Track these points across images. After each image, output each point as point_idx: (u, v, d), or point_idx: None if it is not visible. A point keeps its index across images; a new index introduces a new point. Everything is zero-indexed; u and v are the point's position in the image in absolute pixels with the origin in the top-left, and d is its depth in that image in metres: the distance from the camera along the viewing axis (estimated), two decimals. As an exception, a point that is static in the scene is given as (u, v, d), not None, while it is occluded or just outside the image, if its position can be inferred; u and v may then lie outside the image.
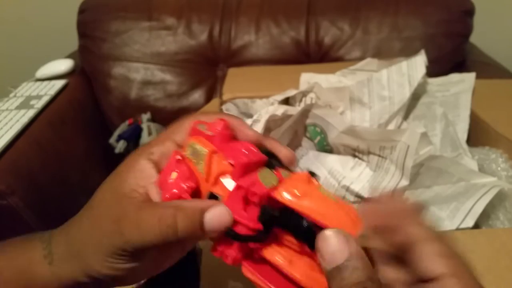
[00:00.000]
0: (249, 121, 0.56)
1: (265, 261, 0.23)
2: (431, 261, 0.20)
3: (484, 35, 1.07)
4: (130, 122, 0.98)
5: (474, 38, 1.01)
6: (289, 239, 0.22)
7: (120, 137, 0.93)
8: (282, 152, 0.26)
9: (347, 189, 0.49)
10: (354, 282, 0.19)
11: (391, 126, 0.61)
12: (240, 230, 0.22)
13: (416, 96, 0.65)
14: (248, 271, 0.23)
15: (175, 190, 0.23)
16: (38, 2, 1.26)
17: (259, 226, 0.22)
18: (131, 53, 1.03)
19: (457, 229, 0.43)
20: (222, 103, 0.71)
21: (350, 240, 0.20)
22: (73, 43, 1.08)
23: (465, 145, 0.59)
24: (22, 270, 0.25)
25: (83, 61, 1.06)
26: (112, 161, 0.95)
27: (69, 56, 1.08)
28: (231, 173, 0.23)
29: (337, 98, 0.63)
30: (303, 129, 0.59)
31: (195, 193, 0.24)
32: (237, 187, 0.22)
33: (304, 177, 0.22)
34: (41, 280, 0.25)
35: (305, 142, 0.60)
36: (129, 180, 0.25)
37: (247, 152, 0.23)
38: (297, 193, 0.21)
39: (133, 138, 0.94)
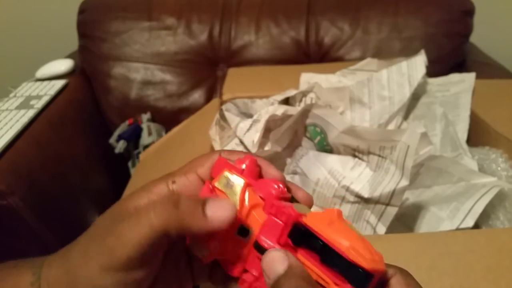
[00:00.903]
0: (249, 121, 0.56)
1: None
2: None
3: (484, 35, 1.07)
4: (130, 122, 0.98)
5: (474, 38, 1.01)
6: (313, 262, 0.22)
7: (120, 137, 0.93)
8: (300, 194, 0.26)
9: (347, 189, 0.49)
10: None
11: (391, 126, 0.61)
12: (269, 246, 0.22)
13: (416, 96, 0.65)
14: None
15: None
16: (38, 2, 1.26)
17: (289, 241, 0.22)
18: (131, 53, 1.03)
19: (457, 229, 0.43)
20: (222, 103, 0.71)
21: (289, 255, 0.21)
22: (73, 43, 1.08)
23: (465, 145, 0.59)
24: None
25: (83, 61, 1.06)
26: (112, 161, 0.96)
27: (69, 56, 1.08)
28: (262, 207, 0.23)
29: (337, 98, 0.63)
30: (303, 129, 0.59)
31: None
32: (270, 205, 0.23)
33: (334, 212, 0.22)
34: None
35: (305, 142, 0.60)
36: (141, 199, 0.24)
37: (277, 187, 0.24)
38: (324, 222, 0.22)
39: (133, 138, 0.94)
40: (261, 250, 0.23)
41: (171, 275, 0.26)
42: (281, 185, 0.24)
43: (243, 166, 0.25)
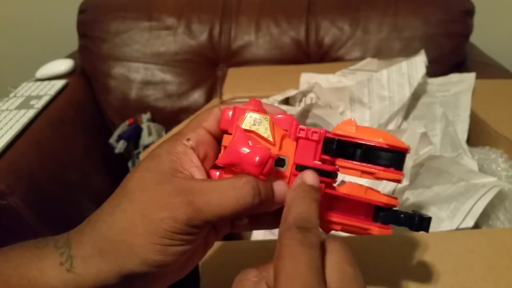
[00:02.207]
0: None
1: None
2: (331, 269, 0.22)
3: (484, 35, 1.07)
4: (130, 122, 0.98)
5: (474, 38, 1.01)
6: (352, 165, 0.26)
7: (120, 137, 0.93)
8: None
9: (347, 189, 0.48)
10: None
11: (391, 126, 0.61)
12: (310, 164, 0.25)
13: (416, 96, 0.65)
14: (334, 219, 0.26)
15: (264, 153, 0.23)
16: (38, 2, 1.26)
17: (324, 156, 0.26)
18: (131, 53, 1.03)
19: (457, 229, 0.43)
20: (222, 103, 0.71)
21: (314, 176, 0.25)
22: (73, 43, 1.08)
23: (465, 145, 0.59)
24: (32, 281, 0.22)
25: (83, 61, 1.06)
26: (112, 161, 0.96)
27: (69, 56, 1.08)
28: (288, 136, 0.26)
29: (337, 98, 0.63)
30: (303, 129, 0.59)
31: None
32: (299, 130, 0.26)
33: (352, 120, 0.26)
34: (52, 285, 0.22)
35: (305, 142, 0.60)
36: (170, 162, 0.24)
37: (294, 118, 0.26)
38: (350, 129, 0.25)
39: (133, 138, 0.94)
40: (303, 168, 0.25)
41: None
42: (293, 118, 0.27)
43: (255, 107, 0.26)
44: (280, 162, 0.25)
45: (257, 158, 0.23)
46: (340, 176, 0.27)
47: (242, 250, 0.38)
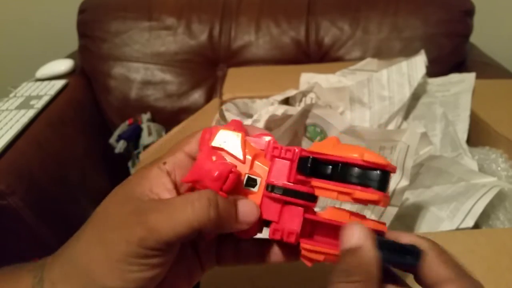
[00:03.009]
0: (249, 121, 0.56)
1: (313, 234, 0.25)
2: (438, 267, 0.20)
3: (484, 35, 1.07)
4: (130, 122, 0.98)
5: (474, 38, 1.01)
6: (326, 185, 0.23)
7: (120, 137, 0.93)
8: None
9: (347, 189, 0.48)
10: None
11: (391, 126, 0.61)
12: (282, 184, 0.24)
13: (416, 96, 0.65)
14: (309, 245, 0.23)
15: (223, 167, 0.23)
16: (38, 2, 1.26)
17: (298, 176, 0.23)
18: (131, 53, 1.03)
19: (457, 229, 0.43)
20: (222, 103, 0.71)
21: (370, 234, 0.21)
22: (73, 43, 1.08)
23: (465, 145, 0.59)
24: None
25: (83, 61, 1.06)
26: (112, 161, 0.96)
27: (69, 56, 1.08)
28: (263, 156, 0.25)
29: (337, 98, 0.63)
30: (303, 129, 0.59)
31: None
32: (273, 149, 0.24)
33: (333, 139, 0.24)
34: None
35: (305, 142, 0.60)
36: (141, 186, 0.23)
37: (270, 138, 0.25)
38: (328, 148, 0.23)
39: (133, 138, 0.94)
40: (274, 188, 0.24)
41: (180, 265, 0.26)
42: (271, 137, 0.25)
43: (234, 127, 0.25)
44: (251, 182, 0.24)
45: (216, 173, 0.23)
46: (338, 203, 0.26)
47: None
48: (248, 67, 0.96)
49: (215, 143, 0.25)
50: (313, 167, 0.23)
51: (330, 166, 0.23)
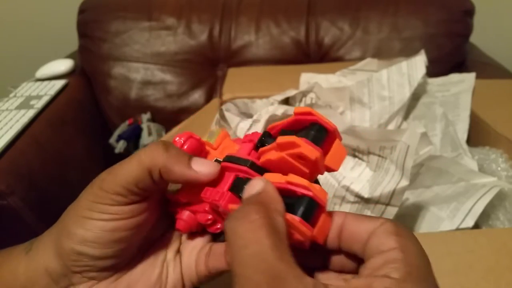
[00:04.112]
0: (249, 121, 0.56)
1: None
2: (383, 237, 0.20)
3: (484, 35, 1.07)
4: (130, 122, 0.98)
5: (474, 38, 1.01)
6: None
7: (120, 137, 0.93)
8: None
9: (347, 189, 0.49)
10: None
11: (391, 126, 0.61)
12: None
13: (416, 96, 0.65)
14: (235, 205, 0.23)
15: (177, 139, 0.26)
16: (38, 2, 1.26)
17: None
18: (131, 53, 1.03)
19: (457, 229, 0.43)
20: (222, 103, 0.71)
21: (268, 181, 0.21)
22: (73, 43, 1.08)
23: (465, 145, 0.59)
24: (5, 283, 0.24)
25: (83, 61, 1.06)
26: (112, 161, 0.95)
27: (69, 56, 1.08)
28: (237, 151, 0.26)
29: (337, 98, 0.63)
30: (303, 129, 0.59)
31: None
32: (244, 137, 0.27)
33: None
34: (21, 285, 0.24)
35: (305, 142, 0.60)
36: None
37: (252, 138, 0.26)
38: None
39: (133, 138, 0.94)
40: (226, 157, 0.25)
41: (154, 224, 0.27)
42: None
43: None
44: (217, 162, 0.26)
45: (177, 138, 0.25)
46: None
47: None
48: (248, 67, 0.96)
49: (205, 138, 0.28)
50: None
51: None
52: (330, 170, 0.22)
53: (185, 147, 0.25)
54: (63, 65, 1.02)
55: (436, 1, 0.99)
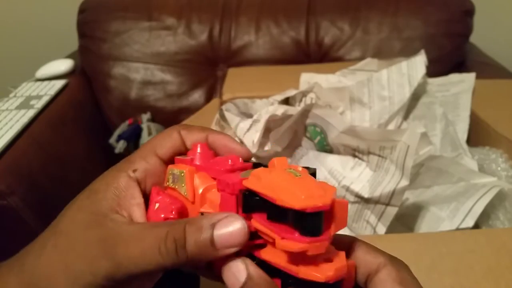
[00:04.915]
0: (249, 121, 0.56)
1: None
2: (366, 255, 0.20)
3: (484, 35, 1.07)
4: (130, 122, 0.98)
5: (474, 38, 1.01)
6: (264, 223, 0.20)
7: (120, 137, 0.93)
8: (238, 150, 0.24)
9: (347, 189, 0.49)
10: None
11: (391, 126, 0.61)
12: None
13: (416, 96, 0.65)
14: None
15: (162, 215, 0.22)
16: (38, 2, 1.26)
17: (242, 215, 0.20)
18: (131, 53, 1.03)
19: (457, 229, 0.43)
20: (222, 103, 0.71)
21: (248, 263, 0.19)
22: (73, 43, 1.08)
23: (465, 145, 0.59)
24: None
25: (83, 61, 1.06)
26: (112, 161, 0.95)
27: (69, 56, 1.08)
28: (215, 187, 0.21)
29: (337, 98, 0.63)
30: (303, 129, 0.59)
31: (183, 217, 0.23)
32: (218, 182, 0.21)
33: (273, 162, 0.21)
34: None
35: (305, 142, 0.60)
36: (107, 200, 0.22)
37: (230, 162, 0.22)
38: (261, 175, 0.19)
39: (133, 138, 0.94)
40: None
41: None
42: (235, 159, 0.22)
43: (194, 154, 0.23)
44: None
45: (162, 215, 0.22)
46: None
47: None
48: (248, 67, 0.96)
49: (168, 183, 0.23)
50: (252, 203, 0.19)
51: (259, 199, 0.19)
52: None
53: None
54: (63, 65, 1.01)
55: (436, 1, 0.99)
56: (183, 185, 0.22)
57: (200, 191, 0.22)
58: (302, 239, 0.17)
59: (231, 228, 0.18)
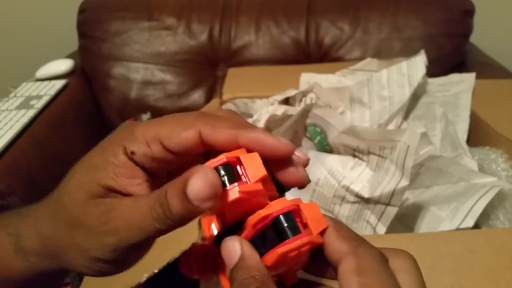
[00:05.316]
0: (249, 121, 0.56)
1: None
2: (336, 242, 0.19)
3: (484, 35, 1.07)
4: (130, 122, 0.98)
5: (474, 38, 1.01)
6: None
7: (120, 137, 0.93)
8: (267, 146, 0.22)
9: (347, 189, 0.49)
10: (246, 277, 0.18)
11: (391, 126, 0.61)
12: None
13: (416, 96, 0.65)
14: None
15: None
16: (38, 2, 1.26)
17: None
18: (131, 53, 1.03)
19: (457, 229, 0.43)
20: (222, 103, 0.71)
21: (244, 242, 0.19)
22: (73, 43, 1.08)
23: (465, 145, 0.59)
24: None
25: (83, 61, 1.06)
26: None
27: (69, 56, 1.08)
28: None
29: (337, 98, 0.63)
30: (303, 129, 0.59)
31: None
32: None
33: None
34: (14, 269, 0.23)
35: (305, 142, 0.60)
36: (106, 179, 0.22)
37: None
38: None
39: (133, 138, 0.94)
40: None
41: None
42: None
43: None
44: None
45: None
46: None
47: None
48: (248, 67, 0.96)
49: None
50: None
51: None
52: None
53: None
54: (63, 65, 1.02)
55: (436, 1, 0.99)
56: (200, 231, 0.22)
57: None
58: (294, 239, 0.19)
59: (199, 179, 0.18)
